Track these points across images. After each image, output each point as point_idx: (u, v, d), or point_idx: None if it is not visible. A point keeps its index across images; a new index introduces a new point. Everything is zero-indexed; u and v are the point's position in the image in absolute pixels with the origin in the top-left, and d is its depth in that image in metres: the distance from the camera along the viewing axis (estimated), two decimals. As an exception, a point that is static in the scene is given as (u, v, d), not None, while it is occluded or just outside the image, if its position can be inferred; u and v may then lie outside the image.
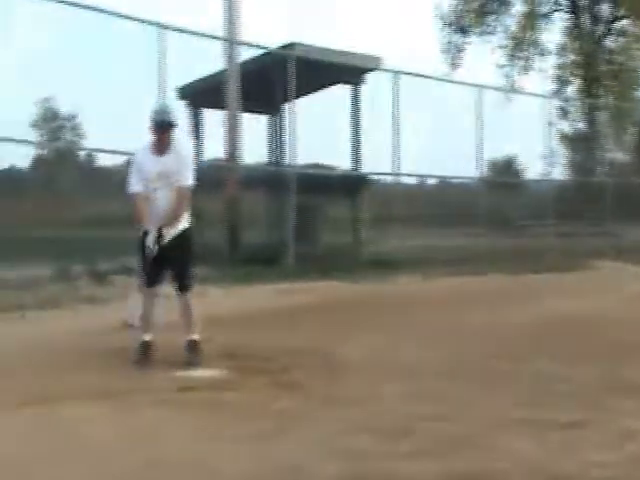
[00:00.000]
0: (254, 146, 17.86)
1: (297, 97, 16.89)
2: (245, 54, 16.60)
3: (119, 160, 14.84)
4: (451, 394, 6.26)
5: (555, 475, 4.27)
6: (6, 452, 4.74)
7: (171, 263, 7.52)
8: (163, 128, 7.40)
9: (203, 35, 15.55)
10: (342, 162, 19.43)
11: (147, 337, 7.47)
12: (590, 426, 5.25)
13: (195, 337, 7.52)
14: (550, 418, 5.44)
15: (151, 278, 7.55)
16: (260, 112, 19.33)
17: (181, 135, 7.84)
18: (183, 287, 7.59)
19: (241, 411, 5.68)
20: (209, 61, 16.19)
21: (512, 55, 33.14)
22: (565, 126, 33.87)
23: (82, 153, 28.94)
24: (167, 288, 7.71)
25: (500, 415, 5.58)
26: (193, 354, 7.42)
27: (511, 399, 6.09)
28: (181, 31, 14.87)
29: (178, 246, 7.48)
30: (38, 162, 29.41)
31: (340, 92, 18.98)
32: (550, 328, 9.44)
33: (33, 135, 23.48)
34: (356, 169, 18.77)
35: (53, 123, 30.24)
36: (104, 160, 20.37)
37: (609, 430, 5.16)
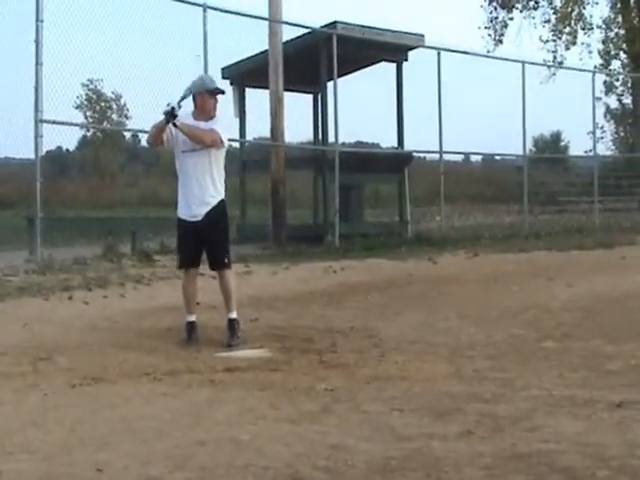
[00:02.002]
0: (298, 125, 17.84)
1: (340, 76, 16.85)
2: (288, 33, 16.60)
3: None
4: (499, 374, 6.22)
5: (604, 456, 4.22)
6: (61, 429, 4.79)
7: (206, 241, 7.54)
8: (214, 94, 7.55)
9: (246, 15, 15.54)
10: (386, 140, 19.39)
11: (191, 318, 7.52)
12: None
13: (233, 315, 7.54)
14: (600, 398, 5.38)
15: (187, 259, 7.60)
16: (304, 91, 19.31)
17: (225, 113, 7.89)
18: (219, 265, 7.62)
19: (286, 391, 5.68)
20: (253, 41, 16.19)
21: (556, 30, 32.80)
22: (611, 101, 33.57)
23: (127, 134, 29.21)
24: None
25: (548, 395, 5.53)
26: (230, 333, 7.45)
27: (560, 379, 6.04)
28: (225, 11, 14.88)
29: (212, 222, 7.51)
30: (84, 143, 29.68)
31: (383, 70, 18.89)
32: (599, 306, 9.36)
33: (79, 117, 23.64)
34: (400, 147, 18.70)
35: (98, 105, 30.45)
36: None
37: (659, 410, 5.10)
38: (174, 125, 7.28)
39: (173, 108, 7.23)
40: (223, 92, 7.74)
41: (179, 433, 4.72)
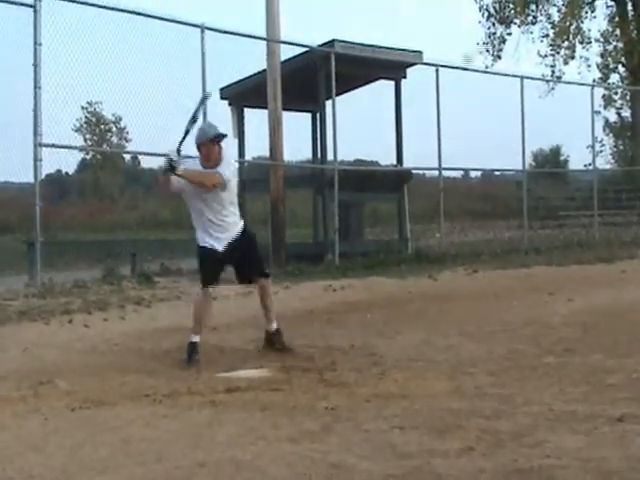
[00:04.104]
0: (297, 144, 17.89)
1: (339, 94, 16.91)
2: (286, 52, 16.65)
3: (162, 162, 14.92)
4: (499, 390, 6.21)
5: (606, 471, 4.21)
6: (62, 453, 4.78)
7: (242, 258, 7.78)
8: (218, 141, 7.57)
9: (244, 35, 15.59)
10: (385, 158, 19.41)
11: (196, 338, 7.52)
12: (641, 419, 5.19)
13: (275, 326, 7.89)
14: (600, 412, 5.37)
15: (212, 276, 7.67)
16: (302, 110, 19.36)
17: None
18: (261, 273, 7.98)
19: (287, 410, 5.67)
20: (251, 61, 16.26)
21: (555, 44, 32.90)
22: (610, 114, 33.63)
23: (127, 156, 29.28)
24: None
25: (549, 410, 5.51)
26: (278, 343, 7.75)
27: (561, 394, 6.03)
28: (223, 32, 14.94)
29: (244, 243, 7.75)
30: (84, 166, 29.72)
31: (382, 88, 18.94)
32: (599, 320, 9.35)
33: (78, 140, 23.68)
34: (399, 164, 18.72)
35: (98, 128, 30.52)
36: (148, 163, 20.44)
37: (660, 424, 5.09)
38: (176, 175, 7.36)
39: (171, 160, 7.33)
40: (225, 136, 7.75)
41: (179, 455, 4.71)
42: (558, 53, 32.88)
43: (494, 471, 4.29)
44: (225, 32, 15.04)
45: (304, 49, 17.38)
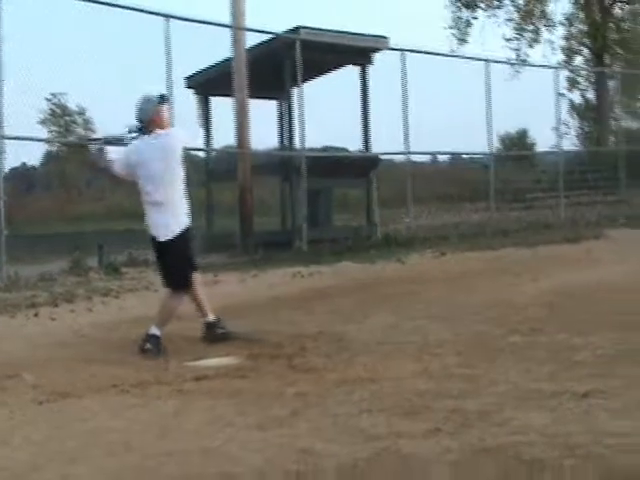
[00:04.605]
0: (264, 132, 17.86)
1: (305, 81, 16.88)
2: (251, 40, 16.61)
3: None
4: (467, 370, 6.24)
5: (570, 446, 4.25)
6: (30, 446, 4.77)
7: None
8: (163, 102, 7.77)
9: (209, 23, 15.54)
10: (354, 144, 19.42)
11: (159, 332, 7.49)
12: (606, 395, 5.22)
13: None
14: (566, 389, 5.42)
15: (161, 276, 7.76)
16: (269, 98, 19.32)
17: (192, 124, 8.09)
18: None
19: (255, 397, 5.67)
20: (216, 49, 16.20)
21: (520, 28, 33.00)
22: (575, 96, 33.79)
23: (93, 147, 29.07)
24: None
25: (516, 389, 5.56)
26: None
27: (527, 372, 6.07)
28: (187, 20, 14.87)
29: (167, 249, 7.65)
30: (49, 158, 29.48)
31: (348, 73, 18.93)
32: (564, 299, 9.40)
33: (44, 132, 23.50)
34: (367, 150, 18.73)
35: (62, 119, 30.26)
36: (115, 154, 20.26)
37: (624, 398, 5.13)
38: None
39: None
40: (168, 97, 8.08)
41: (148, 444, 4.71)
42: (523, 36, 32.99)
43: (461, 450, 4.32)
44: (190, 20, 14.98)
45: (269, 36, 17.33)
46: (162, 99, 7.71)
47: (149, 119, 7.54)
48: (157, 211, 7.53)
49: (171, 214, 7.54)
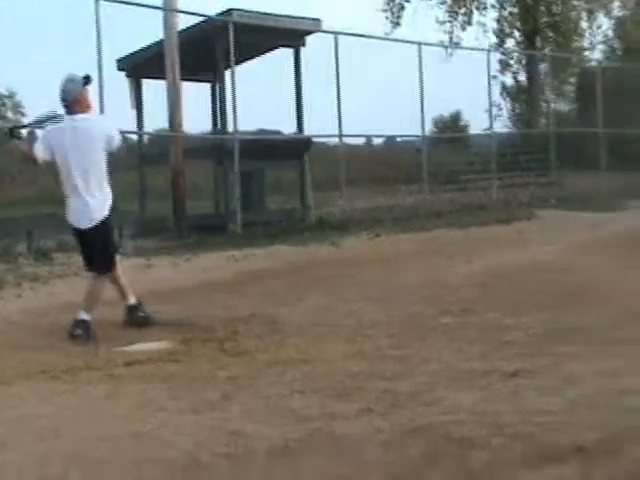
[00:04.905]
0: (197, 115, 17.76)
1: (238, 63, 16.78)
2: (183, 23, 16.49)
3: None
4: (399, 351, 6.28)
5: (499, 424, 4.30)
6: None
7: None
8: (87, 83, 7.66)
9: (140, 5, 15.39)
10: (286, 126, 19.39)
11: (88, 317, 7.42)
12: (534, 374, 5.30)
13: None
14: (496, 368, 5.49)
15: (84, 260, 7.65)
16: (202, 80, 19.21)
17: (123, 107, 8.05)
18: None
19: (187, 381, 5.65)
20: (148, 31, 16.08)
21: (452, 10, 33.15)
22: (507, 79, 34.07)
23: (24, 131, 28.72)
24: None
25: (447, 369, 5.62)
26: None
27: (459, 352, 6.13)
28: (117, 1, 14.70)
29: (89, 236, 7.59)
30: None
31: (281, 56, 18.88)
32: (496, 280, 9.49)
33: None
34: (300, 132, 18.71)
35: (-8, 103, 29.78)
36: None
37: (552, 376, 5.21)
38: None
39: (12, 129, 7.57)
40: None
41: (78, 430, 4.67)
42: (456, 19, 33.16)
43: (392, 430, 4.34)
44: (120, 2, 14.82)
45: (202, 18, 17.22)
46: (87, 80, 7.60)
47: (72, 99, 7.45)
48: (76, 198, 7.45)
49: (90, 201, 7.45)
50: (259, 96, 17.49)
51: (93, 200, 7.45)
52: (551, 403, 4.61)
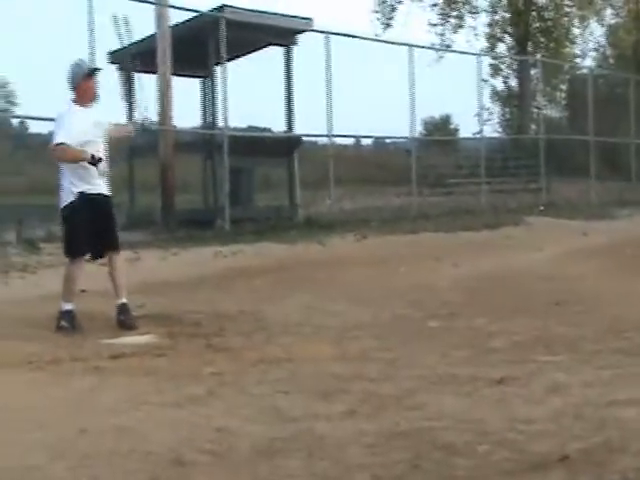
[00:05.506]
0: (187, 110, 17.74)
1: (229, 60, 16.77)
2: (176, 17, 16.47)
3: (52, 127, 14.65)
4: (384, 354, 6.30)
5: (483, 431, 4.30)
6: None
7: (102, 227, 7.56)
8: (94, 75, 7.59)
9: (134, -1, 15.38)
10: (276, 124, 19.38)
11: (70, 306, 7.40)
12: (519, 381, 5.30)
13: (125, 300, 7.51)
14: (481, 375, 5.49)
15: (83, 246, 7.55)
16: (192, 75, 19.19)
17: (114, 99, 8.03)
18: (117, 247, 7.66)
19: (172, 376, 5.65)
20: (141, 25, 16.06)
21: (444, 13, 33.19)
22: (497, 83, 34.14)
23: (14, 121, 28.61)
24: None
25: (432, 373, 5.61)
26: (125, 317, 7.40)
27: (444, 357, 6.14)
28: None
29: (108, 210, 7.60)
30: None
31: (272, 54, 18.89)
32: (483, 285, 9.53)
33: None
34: (290, 130, 18.71)
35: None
36: (37, 127, 20.06)
37: (537, 385, 5.21)
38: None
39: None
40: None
41: (61, 422, 4.64)
42: (447, 22, 33.19)
43: (376, 433, 4.34)
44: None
45: (194, 14, 17.20)
46: (90, 71, 7.58)
47: (74, 85, 7.45)
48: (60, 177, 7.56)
49: (63, 183, 7.51)
50: (249, 93, 17.48)
51: (64, 183, 7.54)
52: (537, 411, 4.61)
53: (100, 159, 7.32)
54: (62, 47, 13.83)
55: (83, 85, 7.48)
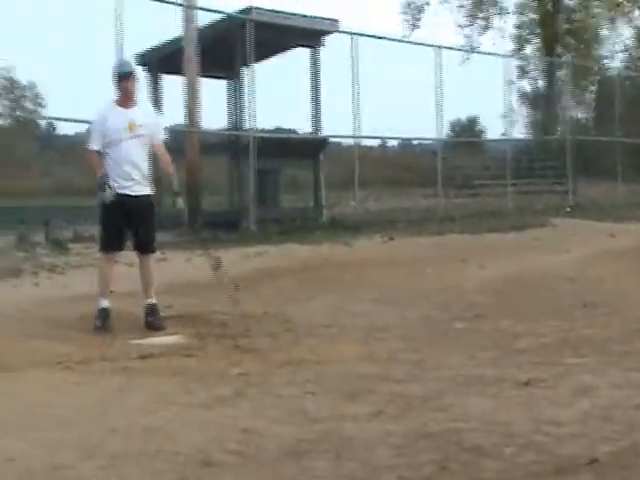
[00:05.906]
0: (214, 111, 17.77)
1: (256, 61, 16.83)
2: (203, 19, 16.51)
3: (79, 128, 14.72)
4: (411, 355, 6.30)
5: (510, 433, 4.30)
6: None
7: (136, 225, 7.65)
8: (131, 77, 7.68)
9: (161, 0, 15.40)
10: (303, 125, 19.40)
11: (105, 304, 7.47)
12: (547, 383, 5.29)
13: (154, 301, 7.56)
14: (508, 376, 5.49)
15: (112, 243, 7.61)
16: (219, 77, 19.22)
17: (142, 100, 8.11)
18: (147, 249, 7.69)
19: (200, 377, 5.68)
20: (168, 27, 16.10)
21: (472, 15, 33.13)
22: (525, 85, 34.02)
23: (42, 122, 28.78)
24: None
25: (458, 375, 5.61)
26: (154, 317, 7.44)
27: (470, 358, 6.14)
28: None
29: (141, 210, 7.63)
30: (-1, 132, 29.06)
31: (299, 55, 18.90)
32: (509, 287, 9.49)
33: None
34: (316, 132, 18.72)
35: (12, 94, 29.84)
36: (64, 129, 20.17)
37: (564, 387, 5.20)
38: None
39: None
40: (136, 73, 7.94)
41: (90, 421, 4.68)
42: (475, 24, 33.13)
43: (403, 434, 4.35)
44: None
45: (221, 16, 17.25)
46: (124, 74, 7.66)
47: (115, 85, 7.62)
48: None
49: None
50: (276, 95, 17.49)
51: None
52: (564, 414, 4.60)
53: (104, 185, 7.40)
54: (90, 49, 13.88)
55: (120, 85, 7.62)
